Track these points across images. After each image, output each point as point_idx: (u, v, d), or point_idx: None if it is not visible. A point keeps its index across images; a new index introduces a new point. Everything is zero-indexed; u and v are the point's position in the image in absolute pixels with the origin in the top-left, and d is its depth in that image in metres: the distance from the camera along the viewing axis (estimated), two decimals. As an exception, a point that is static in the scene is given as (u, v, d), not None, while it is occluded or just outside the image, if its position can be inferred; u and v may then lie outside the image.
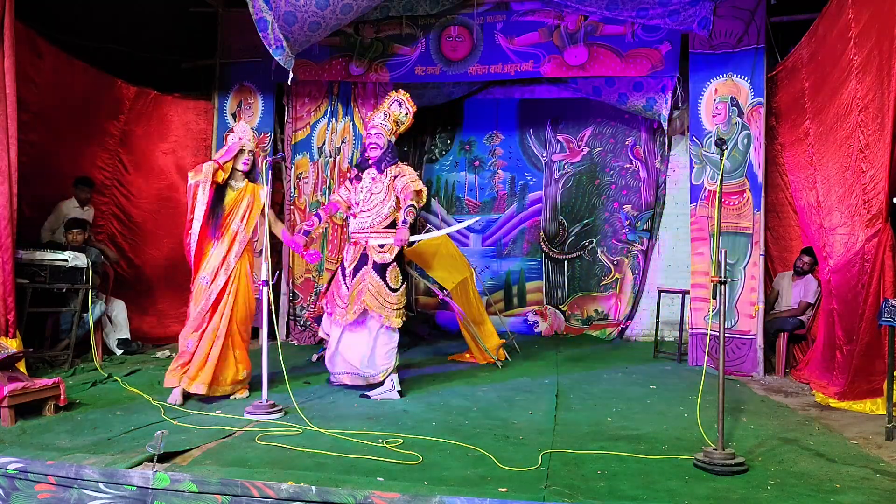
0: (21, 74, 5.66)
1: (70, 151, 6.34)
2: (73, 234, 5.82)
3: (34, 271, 5.21)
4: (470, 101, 8.52)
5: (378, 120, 4.89)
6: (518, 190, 8.55)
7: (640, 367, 6.07)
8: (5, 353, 4.10)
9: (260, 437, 3.58)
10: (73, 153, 6.38)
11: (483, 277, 8.29)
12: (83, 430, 3.69)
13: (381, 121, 4.88)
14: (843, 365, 4.59)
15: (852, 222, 4.59)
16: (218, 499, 2.71)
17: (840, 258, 4.79)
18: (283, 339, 7.23)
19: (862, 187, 4.40)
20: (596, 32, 6.69)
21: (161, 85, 7.24)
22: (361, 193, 4.85)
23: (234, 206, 4.55)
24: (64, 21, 6.31)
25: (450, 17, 6.98)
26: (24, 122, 5.68)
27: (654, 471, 3.13)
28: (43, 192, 6.02)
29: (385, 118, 4.90)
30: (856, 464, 3.26)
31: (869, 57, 4.32)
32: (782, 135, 6.10)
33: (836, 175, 4.83)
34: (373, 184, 4.82)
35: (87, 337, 5.65)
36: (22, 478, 2.90)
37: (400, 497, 2.59)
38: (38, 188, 5.90)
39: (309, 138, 7.57)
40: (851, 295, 4.53)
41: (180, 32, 7.51)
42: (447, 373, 5.70)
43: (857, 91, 4.48)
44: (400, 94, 5.04)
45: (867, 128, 4.33)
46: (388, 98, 5.03)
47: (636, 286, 8.06)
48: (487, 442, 3.57)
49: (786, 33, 6.18)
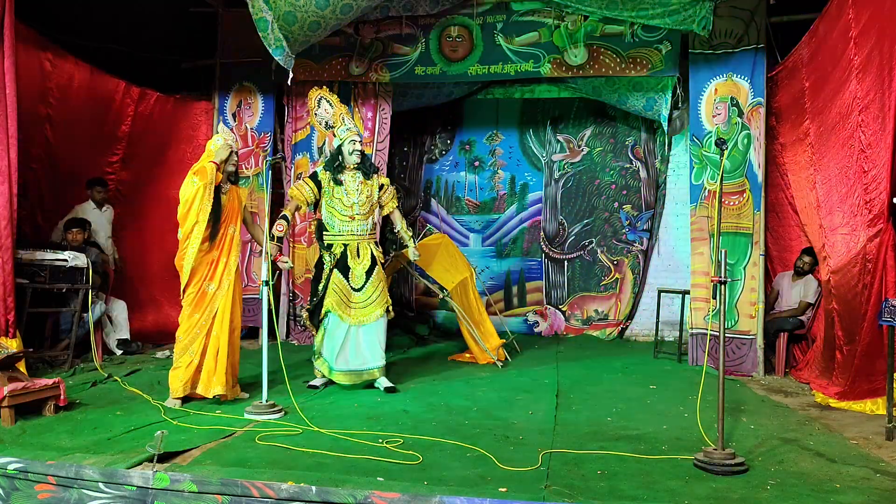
0: (31, 78, 5.74)
1: (81, 154, 6.41)
2: (73, 233, 5.82)
3: (34, 271, 5.21)
4: (470, 101, 8.52)
5: (353, 125, 5.12)
6: (518, 190, 8.55)
7: (640, 367, 6.07)
8: (5, 353, 4.10)
9: (260, 437, 3.58)
10: (83, 155, 6.45)
11: (483, 277, 8.29)
12: (83, 430, 3.69)
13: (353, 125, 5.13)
14: (844, 365, 4.59)
15: (854, 222, 4.58)
16: (218, 499, 2.71)
17: (841, 258, 4.78)
18: (283, 339, 7.22)
19: (864, 187, 4.39)
20: (596, 32, 6.68)
21: (161, 85, 7.24)
22: (355, 196, 4.96)
23: (229, 209, 4.55)
24: (64, 21, 6.31)
25: (450, 17, 6.98)
26: (34, 125, 5.72)
27: (654, 471, 3.13)
28: (58, 195, 6.12)
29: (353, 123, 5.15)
30: (856, 464, 3.26)
31: (869, 57, 4.31)
32: (782, 135, 6.10)
33: (838, 175, 4.83)
34: (363, 188, 5.01)
35: (87, 337, 5.65)
36: (22, 478, 2.90)
37: (400, 497, 2.60)
38: (53, 193, 5.97)
39: (309, 138, 7.56)
40: (852, 295, 4.53)
41: (180, 32, 7.50)
42: (447, 373, 5.70)
43: (857, 91, 4.47)
44: (324, 90, 5.23)
45: (868, 128, 4.33)
46: (336, 105, 5.19)
47: (636, 286, 8.06)
48: (487, 442, 3.57)
49: (786, 33, 6.18)
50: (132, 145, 6.97)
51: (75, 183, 6.31)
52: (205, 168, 4.36)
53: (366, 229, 5.03)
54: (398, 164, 8.68)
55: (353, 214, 4.97)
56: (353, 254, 4.98)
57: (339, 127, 5.09)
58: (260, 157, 7.44)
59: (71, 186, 6.29)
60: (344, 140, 5.02)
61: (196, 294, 4.41)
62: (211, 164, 4.37)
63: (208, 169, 4.34)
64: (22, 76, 5.56)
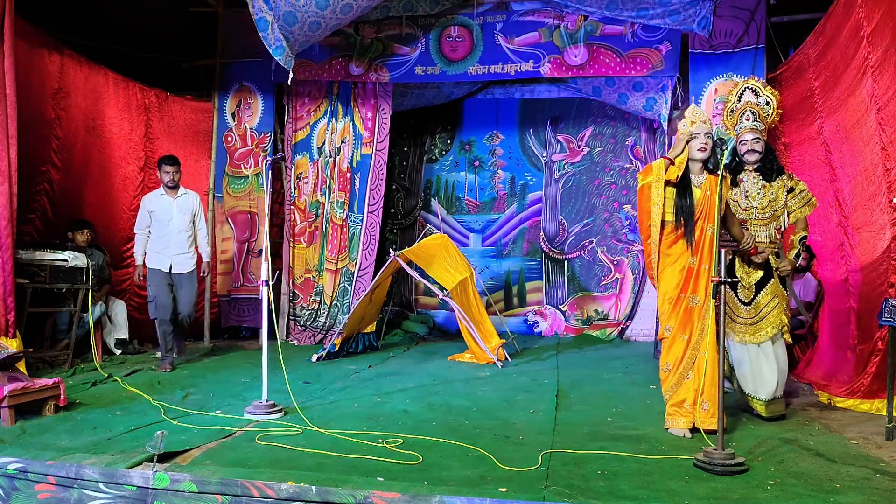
0: (44, 80, 5.81)
1: (108, 156, 6.55)
2: (76, 234, 5.83)
3: (34, 271, 5.21)
4: (470, 101, 8.52)
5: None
6: (518, 190, 8.55)
7: (640, 367, 6.06)
8: (5, 353, 4.10)
9: (260, 437, 3.58)
10: (110, 157, 6.60)
11: (483, 277, 8.29)
12: (83, 430, 3.69)
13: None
14: (857, 363, 4.56)
15: (880, 221, 4.54)
16: (218, 499, 2.71)
17: (866, 257, 4.73)
18: (283, 339, 7.22)
19: (888, 185, 4.37)
20: (596, 32, 6.69)
21: (161, 85, 7.26)
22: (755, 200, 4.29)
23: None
24: (63, 21, 6.32)
25: (450, 17, 6.98)
26: (50, 124, 5.79)
27: (655, 471, 3.12)
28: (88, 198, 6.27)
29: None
30: (856, 464, 3.25)
31: (885, 55, 4.30)
32: (787, 134, 6.07)
33: (862, 174, 4.76)
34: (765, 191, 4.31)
35: (86, 337, 5.65)
36: (22, 478, 2.90)
37: (400, 497, 2.59)
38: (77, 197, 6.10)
39: (309, 138, 7.57)
40: (876, 294, 4.46)
41: (180, 32, 7.51)
42: (447, 373, 5.70)
43: (874, 89, 4.45)
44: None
45: (889, 125, 4.30)
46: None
47: (636, 286, 8.06)
48: (487, 442, 3.57)
49: (786, 33, 6.18)
50: (146, 146, 7.11)
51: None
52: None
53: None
54: (398, 164, 8.69)
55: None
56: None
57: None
58: (260, 157, 7.45)
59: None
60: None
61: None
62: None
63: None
64: (33, 77, 5.63)
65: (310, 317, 7.41)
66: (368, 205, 7.44)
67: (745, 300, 4.22)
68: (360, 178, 7.46)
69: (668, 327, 3.80)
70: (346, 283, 7.38)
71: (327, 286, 7.38)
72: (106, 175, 6.66)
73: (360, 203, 7.45)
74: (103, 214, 6.58)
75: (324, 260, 7.44)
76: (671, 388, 3.81)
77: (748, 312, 4.20)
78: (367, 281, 7.21)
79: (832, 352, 5.12)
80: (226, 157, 7.51)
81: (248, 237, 7.51)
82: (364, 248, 7.41)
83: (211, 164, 7.52)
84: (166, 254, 5.62)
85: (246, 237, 7.50)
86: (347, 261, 7.43)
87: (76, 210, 6.24)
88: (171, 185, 5.65)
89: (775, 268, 4.21)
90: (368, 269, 7.38)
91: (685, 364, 3.76)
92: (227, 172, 7.51)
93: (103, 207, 6.62)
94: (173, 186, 5.67)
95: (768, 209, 4.29)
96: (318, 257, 7.47)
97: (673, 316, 3.77)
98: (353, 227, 7.46)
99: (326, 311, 7.34)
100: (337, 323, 7.18)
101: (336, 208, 7.43)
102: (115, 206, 6.78)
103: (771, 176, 4.33)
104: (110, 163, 6.70)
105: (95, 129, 6.49)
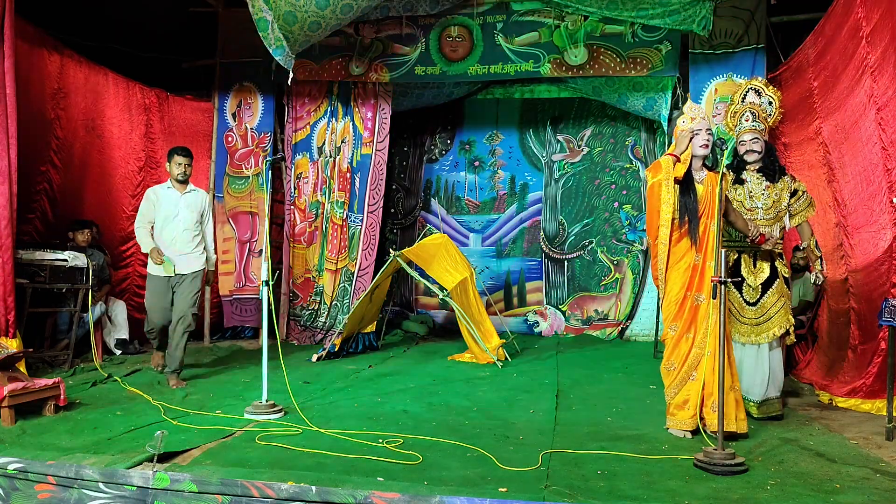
0: (44, 80, 5.81)
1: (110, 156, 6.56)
2: (77, 233, 5.83)
3: (34, 271, 5.21)
4: (470, 101, 8.52)
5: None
6: (518, 190, 8.55)
7: (640, 367, 6.06)
8: (5, 353, 4.10)
9: (260, 437, 3.58)
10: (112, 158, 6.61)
11: (483, 277, 8.29)
12: (83, 430, 3.69)
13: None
14: (857, 364, 4.57)
15: (881, 221, 4.54)
16: (218, 499, 2.71)
17: (866, 257, 4.72)
18: (283, 339, 7.23)
19: (888, 185, 4.37)
20: (596, 32, 6.69)
21: (161, 85, 7.26)
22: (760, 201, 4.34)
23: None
24: (63, 21, 6.32)
25: (450, 17, 6.98)
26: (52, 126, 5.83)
27: (655, 471, 3.12)
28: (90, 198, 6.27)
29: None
30: (856, 464, 3.25)
31: (884, 55, 4.29)
32: (787, 134, 6.07)
33: (861, 174, 4.77)
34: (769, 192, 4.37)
35: (86, 337, 5.65)
36: (22, 478, 2.90)
37: (400, 497, 2.59)
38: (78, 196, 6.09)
39: (309, 138, 7.56)
40: (878, 294, 4.46)
41: (180, 32, 7.51)
42: (447, 373, 5.69)
43: (873, 90, 4.45)
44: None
45: (888, 125, 4.30)
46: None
47: (636, 286, 8.06)
48: (487, 442, 3.57)
49: (786, 33, 6.18)
50: (149, 146, 7.13)
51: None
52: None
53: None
54: (398, 164, 8.69)
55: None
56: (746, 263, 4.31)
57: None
58: (260, 156, 7.45)
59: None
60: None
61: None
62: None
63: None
64: (33, 77, 5.63)
65: (310, 317, 7.41)
66: (368, 205, 7.44)
67: (751, 301, 4.23)
68: (360, 178, 7.46)
69: (673, 327, 3.80)
70: (346, 283, 7.38)
71: (327, 286, 7.38)
72: (106, 175, 6.67)
73: (360, 203, 7.45)
74: (103, 214, 6.57)
75: (324, 260, 7.43)
76: (674, 388, 3.80)
77: (753, 313, 4.21)
78: (367, 281, 7.21)
79: (832, 352, 5.12)
80: (226, 157, 7.51)
81: (250, 237, 7.51)
82: (364, 248, 7.41)
83: (211, 164, 7.52)
84: (168, 253, 5.09)
85: (247, 237, 7.51)
86: (347, 261, 7.43)
87: (76, 210, 6.24)
88: (182, 178, 5.11)
89: (791, 267, 4.17)
90: (368, 269, 7.38)
91: (689, 363, 3.76)
92: (227, 173, 7.51)
93: (103, 207, 6.62)
94: (183, 180, 5.14)
95: (772, 210, 4.31)
96: (318, 257, 7.47)
97: (679, 316, 3.77)
98: (353, 227, 7.46)
99: (326, 311, 7.34)
100: (337, 323, 7.18)
101: (336, 208, 7.43)
102: (115, 206, 6.78)
103: (774, 177, 4.34)
104: (110, 163, 6.71)
105: (95, 128, 6.50)
